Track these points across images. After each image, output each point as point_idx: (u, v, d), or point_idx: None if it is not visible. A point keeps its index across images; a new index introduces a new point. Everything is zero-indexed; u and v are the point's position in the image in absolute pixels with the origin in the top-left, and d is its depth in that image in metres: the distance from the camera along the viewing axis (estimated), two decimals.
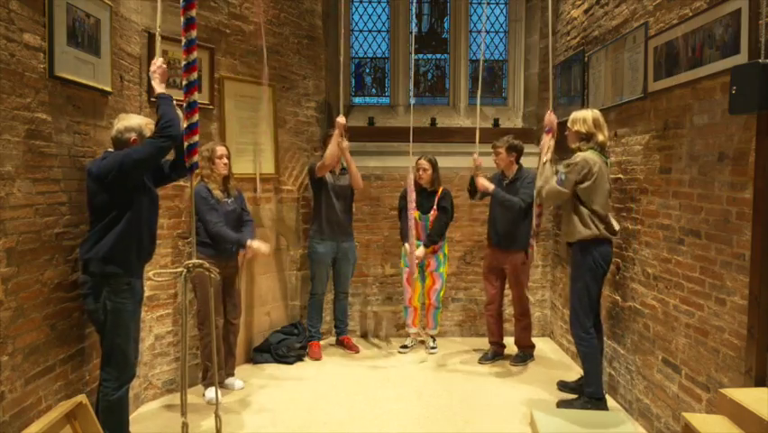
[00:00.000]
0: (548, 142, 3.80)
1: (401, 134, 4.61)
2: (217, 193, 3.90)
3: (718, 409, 2.46)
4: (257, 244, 3.90)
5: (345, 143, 4.59)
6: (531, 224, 4.45)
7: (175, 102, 2.86)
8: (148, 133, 2.88)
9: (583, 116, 3.57)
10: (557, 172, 3.58)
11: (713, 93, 2.78)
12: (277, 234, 4.98)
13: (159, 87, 2.84)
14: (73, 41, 2.84)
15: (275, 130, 4.83)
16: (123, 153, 2.75)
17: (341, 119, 4.51)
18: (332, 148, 4.53)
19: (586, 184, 3.45)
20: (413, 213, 4.45)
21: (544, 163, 3.71)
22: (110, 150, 2.89)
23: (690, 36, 2.93)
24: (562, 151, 4.97)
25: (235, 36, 4.40)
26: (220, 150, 3.90)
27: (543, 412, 3.51)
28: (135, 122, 2.89)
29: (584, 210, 3.50)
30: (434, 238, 4.74)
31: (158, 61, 2.85)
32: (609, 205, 3.63)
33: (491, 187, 4.41)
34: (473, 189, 4.63)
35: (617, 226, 3.58)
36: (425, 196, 4.80)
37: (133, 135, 2.85)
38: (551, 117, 3.87)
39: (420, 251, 4.72)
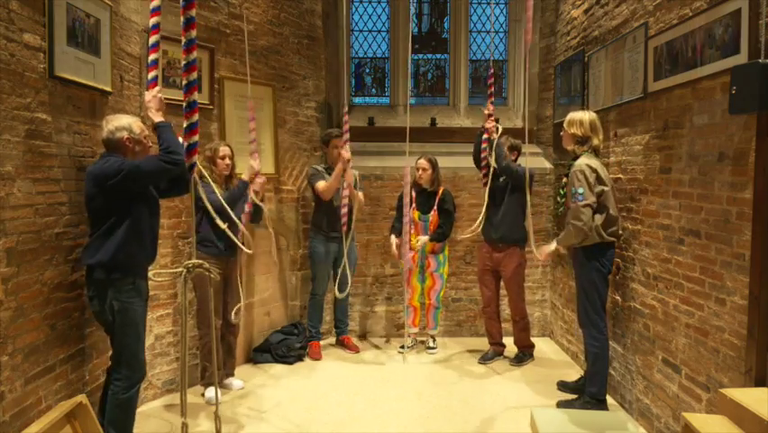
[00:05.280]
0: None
1: (401, 134, 4.60)
2: (220, 191, 3.90)
3: (718, 410, 2.47)
4: (249, 167, 3.87)
5: (350, 176, 4.51)
6: (528, 223, 4.44)
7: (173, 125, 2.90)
8: (137, 129, 2.88)
9: (580, 119, 3.55)
10: (573, 195, 3.46)
11: (713, 93, 2.78)
12: (277, 234, 4.98)
13: (156, 117, 2.86)
14: (73, 41, 2.84)
15: (275, 130, 4.83)
16: (131, 163, 2.75)
17: (345, 153, 4.37)
18: (333, 183, 4.53)
19: (598, 189, 3.43)
20: (411, 214, 4.44)
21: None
22: (108, 152, 2.88)
23: (690, 36, 2.93)
24: (559, 151, 4.97)
25: (235, 36, 4.40)
26: (223, 150, 3.90)
27: (543, 412, 3.51)
28: (125, 121, 2.88)
29: (595, 217, 3.45)
30: (439, 238, 4.74)
31: (153, 91, 2.87)
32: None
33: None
34: (479, 158, 4.49)
35: (619, 230, 3.58)
36: (425, 196, 4.80)
37: (125, 134, 2.84)
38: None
39: (423, 239, 4.72)
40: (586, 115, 3.56)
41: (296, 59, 5.05)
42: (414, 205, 4.72)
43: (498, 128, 4.31)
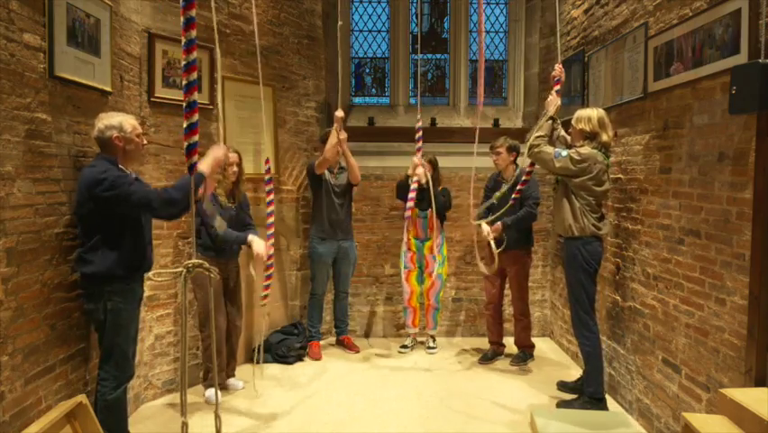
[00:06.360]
0: (555, 99, 3.70)
1: (401, 134, 4.60)
2: (223, 199, 3.92)
3: (718, 410, 2.47)
4: (257, 245, 3.84)
5: (343, 135, 4.56)
6: (530, 225, 4.44)
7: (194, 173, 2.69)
8: (128, 128, 2.85)
9: (588, 115, 3.54)
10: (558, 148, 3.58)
11: (713, 93, 2.78)
12: (277, 234, 4.98)
13: (201, 165, 2.73)
14: (73, 41, 2.84)
15: (275, 130, 4.83)
16: (124, 190, 2.68)
17: (339, 113, 4.47)
18: (332, 141, 4.52)
19: (580, 180, 3.46)
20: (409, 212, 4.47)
21: (548, 119, 3.65)
22: (101, 153, 2.87)
23: (690, 36, 2.93)
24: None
25: (235, 36, 4.40)
26: (232, 157, 3.89)
27: (543, 412, 3.51)
28: (115, 119, 2.85)
29: (576, 203, 3.52)
30: (438, 208, 4.68)
31: (222, 149, 2.92)
32: (603, 205, 3.62)
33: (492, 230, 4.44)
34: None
35: (604, 229, 3.59)
36: (424, 194, 4.78)
37: (114, 132, 2.81)
38: (560, 69, 3.77)
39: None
40: (594, 112, 3.55)
41: (296, 59, 5.05)
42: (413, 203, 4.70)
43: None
